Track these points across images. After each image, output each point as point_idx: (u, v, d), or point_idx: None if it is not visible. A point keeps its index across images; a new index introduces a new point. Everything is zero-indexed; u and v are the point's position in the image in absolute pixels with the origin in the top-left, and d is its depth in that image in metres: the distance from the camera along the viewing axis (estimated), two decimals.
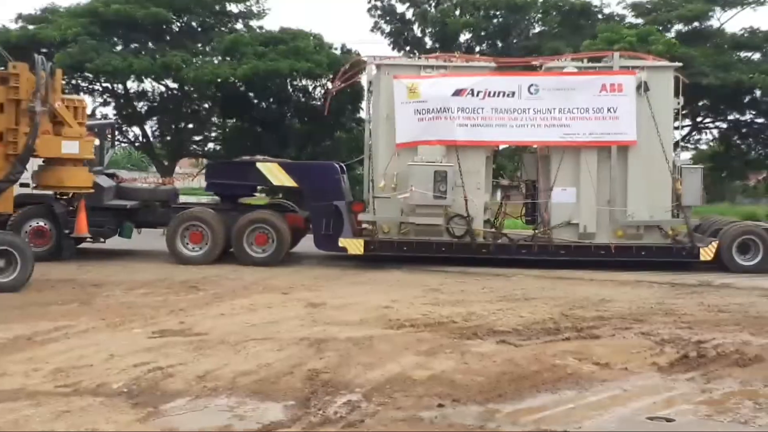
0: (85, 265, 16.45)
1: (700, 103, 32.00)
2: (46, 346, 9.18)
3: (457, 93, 17.58)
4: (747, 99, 29.81)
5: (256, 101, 32.27)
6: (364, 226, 18.02)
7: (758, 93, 28.96)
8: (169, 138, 34.79)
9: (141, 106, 34.08)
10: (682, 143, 33.18)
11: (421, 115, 17.59)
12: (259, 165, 18.42)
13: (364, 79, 18.93)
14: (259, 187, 20.65)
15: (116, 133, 23.54)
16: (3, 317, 10.82)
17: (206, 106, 33.93)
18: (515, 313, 11.81)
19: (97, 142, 18.94)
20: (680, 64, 19.35)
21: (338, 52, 31.35)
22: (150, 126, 34.66)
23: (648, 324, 11.00)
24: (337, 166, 18.86)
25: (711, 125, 34.08)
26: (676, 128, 18.63)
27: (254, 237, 17.54)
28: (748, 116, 32.30)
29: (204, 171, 19.75)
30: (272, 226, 17.50)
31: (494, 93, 17.65)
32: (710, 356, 8.98)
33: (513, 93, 17.63)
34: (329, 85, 31.89)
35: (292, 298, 12.91)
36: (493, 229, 18.32)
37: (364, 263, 17.57)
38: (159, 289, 13.74)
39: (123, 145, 38.19)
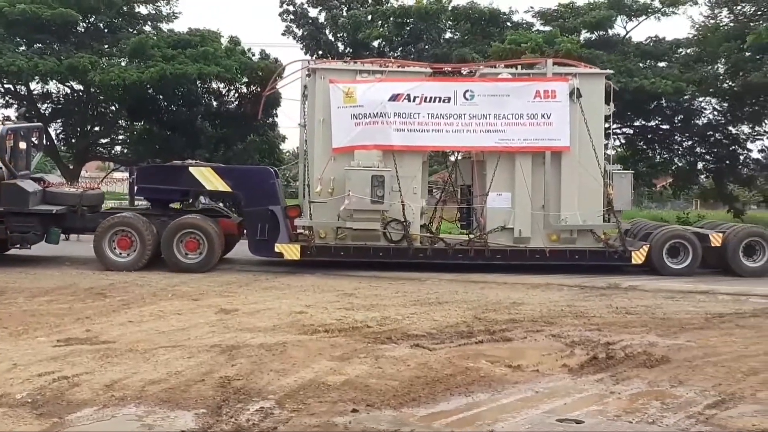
0: None
1: None
2: None
3: (394, 98, 17.54)
4: (653, 105, 30.63)
5: (165, 104, 31.74)
6: (300, 231, 17.83)
7: (663, 101, 29.78)
8: (74, 141, 33.90)
9: (45, 108, 33.14)
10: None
11: (358, 119, 17.51)
12: (191, 169, 18.08)
13: (297, 84, 18.64)
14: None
15: (44, 136, 22.74)
16: None
17: (113, 108, 33.19)
18: (429, 317, 11.85)
19: (23, 145, 18.39)
20: (611, 71, 19.70)
21: (255, 56, 31.10)
22: (54, 129, 33.70)
23: (558, 326, 11.17)
24: (272, 170, 18.67)
25: (618, 131, 34.92)
26: (608, 134, 18.87)
27: (185, 243, 17.18)
28: (653, 122, 33.20)
29: (133, 175, 19.20)
30: (203, 231, 17.16)
31: (430, 98, 17.67)
32: (618, 357, 9.16)
33: (449, 98, 17.68)
34: (243, 89, 31.69)
35: (202, 305, 12.67)
36: (429, 234, 18.31)
37: (276, 268, 17.41)
38: (64, 296, 13.34)
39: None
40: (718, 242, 18.01)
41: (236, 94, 32.35)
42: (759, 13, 29.88)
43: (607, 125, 18.51)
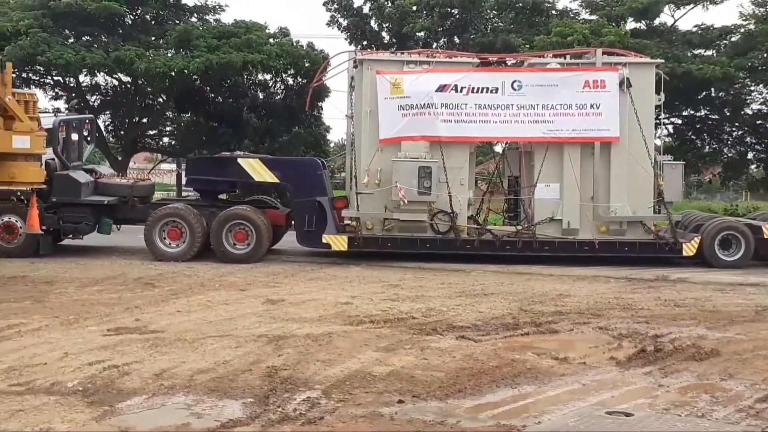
0: (37, 262, 16.15)
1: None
2: None
3: (441, 89, 17.46)
4: (701, 95, 30.17)
5: (211, 96, 31.99)
6: (347, 222, 17.89)
7: (712, 90, 29.31)
8: (122, 132, 34.32)
9: (93, 100, 33.57)
10: None
11: (405, 110, 17.47)
12: (240, 161, 18.21)
13: (343, 75, 18.68)
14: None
15: (95, 127, 23.06)
16: None
17: (160, 100, 33.52)
18: (474, 308, 11.83)
19: (75, 136, 18.69)
20: (662, 60, 19.41)
21: (303, 47, 31.17)
22: (103, 120, 34.13)
23: (606, 319, 11.08)
24: (319, 161, 18.75)
25: (666, 121, 34.48)
26: (658, 124, 18.61)
27: (234, 233, 17.32)
28: (702, 112, 32.72)
29: (183, 166, 19.45)
30: (251, 222, 17.29)
31: (478, 89, 17.56)
32: (667, 350, 9.06)
33: (496, 89, 17.55)
34: (290, 81, 31.82)
35: (249, 295, 12.79)
36: (476, 226, 18.26)
37: (322, 259, 17.49)
38: (114, 286, 13.54)
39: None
40: None
41: (282, 86, 32.46)
42: None
43: (657, 115, 18.24)
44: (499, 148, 20.77)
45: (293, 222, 18.26)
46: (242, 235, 17.29)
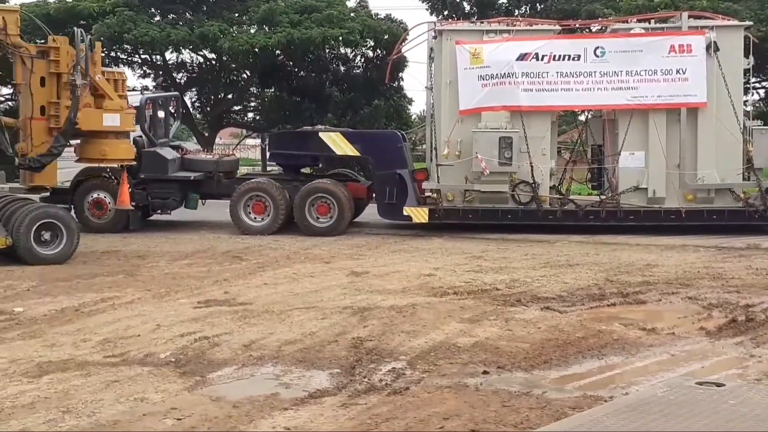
0: (128, 237, 16.61)
1: (748, 63, 31.28)
2: (93, 317, 9.32)
3: (522, 57, 17.24)
4: None
5: (294, 70, 32.26)
6: (427, 194, 17.90)
7: None
8: (208, 109, 34.93)
9: (180, 77, 34.23)
10: None
11: (485, 80, 17.32)
12: (321, 134, 18.36)
13: (420, 47, 18.61)
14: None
15: (181, 104, 23.55)
16: (50, 289, 11.00)
17: (245, 76, 33.96)
18: (559, 279, 11.73)
19: (161, 114, 19.13)
20: (750, 23, 18.81)
21: (381, 18, 31.14)
22: (189, 97, 34.80)
23: (695, 288, 10.87)
24: (399, 134, 18.78)
25: (757, 85, 33.38)
26: (747, 89, 18.05)
27: (316, 207, 17.53)
28: None
29: (266, 141, 19.70)
30: (333, 195, 17.45)
31: (559, 56, 17.29)
32: (759, 320, 8.85)
33: (578, 56, 17.25)
34: (369, 53, 31.85)
35: (334, 267, 12.94)
36: (559, 196, 18.07)
37: (404, 231, 17.54)
38: (203, 259, 13.85)
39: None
40: None
41: (362, 59, 32.51)
42: None
43: (746, 79, 17.66)
44: (583, 117, 20.33)
45: (374, 195, 18.34)
46: (324, 209, 17.45)
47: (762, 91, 33.39)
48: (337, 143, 18.07)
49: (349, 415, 5.99)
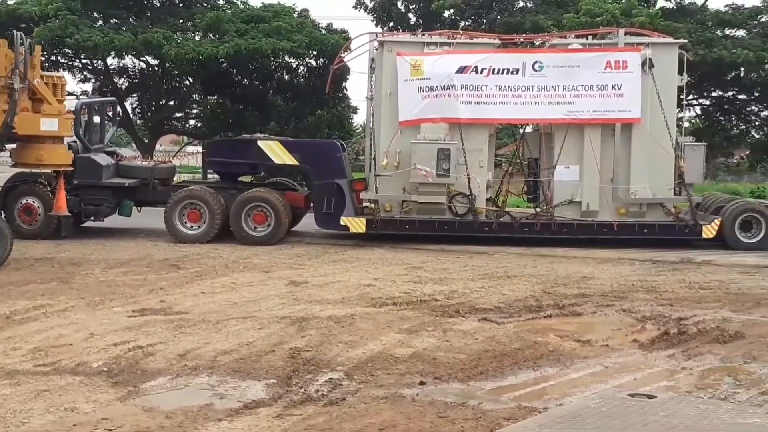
0: (63, 244, 16.29)
1: (684, 81, 31.98)
2: (24, 325, 9.13)
3: (461, 70, 17.33)
4: (730, 76, 29.81)
5: (238, 78, 32.07)
6: (365, 204, 17.90)
7: (742, 70, 28.93)
8: (149, 115, 34.52)
9: (121, 82, 33.78)
10: None
11: (425, 92, 17.38)
12: (260, 143, 18.24)
13: (362, 57, 18.63)
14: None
15: (117, 110, 23.22)
16: None
17: (187, 83, 33.66)
18: (497, 290, 11.82)
19: (97, 119, 18.86)
20: (685, 41, 19.15)
21: (322, 30, 31.14)
22: (130, 103, 34.37)
23: (629, 301, 11.04)
24: (339, 144, 18.72)
25: (694, 102, 34.14)
26: (680, 106, 18.37)
27: (253, 216, 17.39)
28: (730, 93, 32.36)
29: (203, 149, 19.56)
30: (270, 204, 17.33)
31: (498, 70, 17.43)
32: (691, 333, 9.02)
33: (517, 70, 17.41)
34: (313, 62, 31.80)
35: (273, 277, 12.85)
36: (495, 208, 18.19)
37: (345, 241, 17.52)
38: (139, 267, 13.65)
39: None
40: None
41: (306, 68, 32.48)
42: None
43: (679, 96, 18.05)
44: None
45: (312, 204, 18.29)
46: (261, 218, 17.34)
47: (698, 108, 34.13)
48: (276, 152, 17.97)
49: (284, 426, 5.95)
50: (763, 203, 18.56)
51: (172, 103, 34.83)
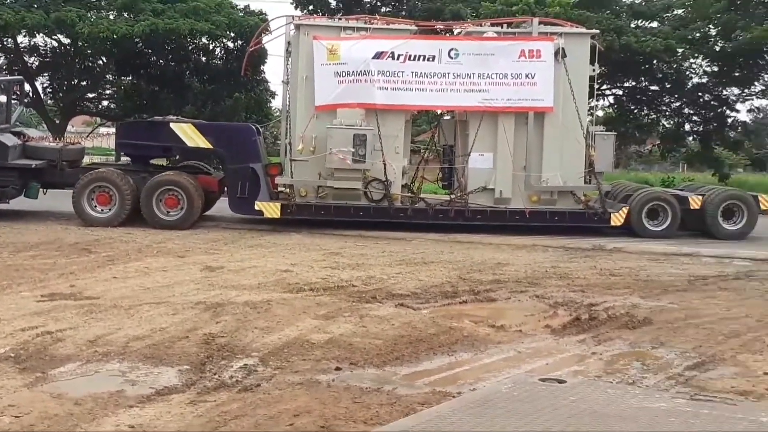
0: None
1: (598, 70, 32.63)
2: None
3: (378, 56, 17.35)
4: (644, 67, 30.55)
5: (153, 59, 31.48)
6: (280, 189, 17.76)
7: (654, 62, 29.66)
8: (61, 95, 33.64)
9: (32, 61, 32.83)
10: None
11: (341, 77, 17.33)
12: (172, 125, 17.96)
13: (281, 40, 18.45)
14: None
15: (26, 89, 22.50)
16: None
17: (101, 62, 32.89)
18: (414, 276, 11.88)
19: (3, 98, 18.25)
20: (597, 31, 19.51)
21: (240, 12, 30.79)
22: (41, 83, 33.44)
23: (542, 287, 11.22)
24: (253, 127, 18.51)
25: (608, 92, 34.91)
26: (592, 95, 18.69)
27: (164, 199, 17.12)
28: (643, 83, 33.18)
29: (115, 130, 19.09)
30: (182, 188, 17.08)
31: (415, 56, 17.49)
32: (601, 319, 9.21)
33: (433, 57, 17.50)
34: (230, 44, 31.41)
35: (188, 262, 12.68)
36: (410, 194, 18.23)
37: (262, 226, 17.39)
38: (48, 251, 13.30)
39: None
40: (698, 205, 18.06)
41: (223, 50, 32.07)
42: None
43: (591, 86, 18.37)
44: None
45: (226, 188, 18.09)
46: (173, 201, 17.11)
47: (612, 98, 34.90)
48: (189, 135, 17.73)
49: (197, 412, 5.87)
50: (669, 192, 19.12)
51: (84, 83, 34.04)
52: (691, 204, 18.07)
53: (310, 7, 33.46)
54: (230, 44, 31.41)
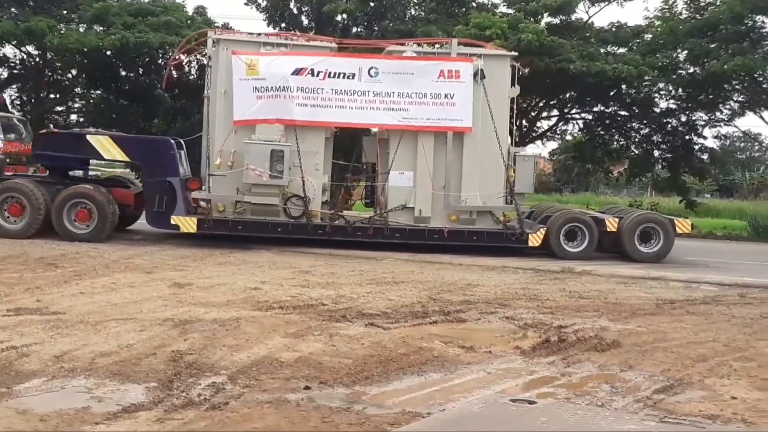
0: None
1: (568, 95, 32.95)
2: None
3: (297, 72, 17.40)
4: (613, 92, 30.83)
5: (124, 73, 31.31)
6: (201, 204, 17.64)
7: (623, 87, 29.94)
8: (29, 108, 33.31)
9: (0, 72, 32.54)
10: (549, 133, 34.20)
11: (260, 92, 17.34)
12: (89, 137, 17.89)
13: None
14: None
15: None
16: None
17: (70, 75, 32.65)
18: (384, 296, 11.86)
19: None
20: (516, 53, 19.64)
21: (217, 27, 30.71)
22: (9, 95, 33.08)
23: (512, 309, 11.25)
24: (172, 141, 18.27)
25: (577, 116, 35.19)
26: (513, 117, 18.66)
27: (75, 212, 17.04)
28: (611, 109, 33.47)
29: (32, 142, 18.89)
30: (94, 201, 17.00)
31: (334, 74, 17.56)
32: (570, 341, 9.24)
33: (353, 75, 17.59)
34: (204, 60, 31.28)
35: (156, 278, 12.56)
36: (330, 211, 18.17)
37: (232, 244, 17.28)
38: (14, 265, 13.14)
39: None
40: (614, 227, 18.31)
41: (196, 65, 31.95)
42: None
43: (513, 107, 18.38)
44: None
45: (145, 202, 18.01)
46: (83, 215, 17.09)
47: (581, 122, 35.18)
48: (106, 147, 17.68)
49: (164, 430, 5.80)
50: (587, 213, 19.25)
51: (53, 96, 33.73)
52: (608, 226, 18.30)
53: (282, 25, 33.48)
54: (204, 60, 31.27)
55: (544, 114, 33.60)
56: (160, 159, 17.62)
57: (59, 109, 35.08)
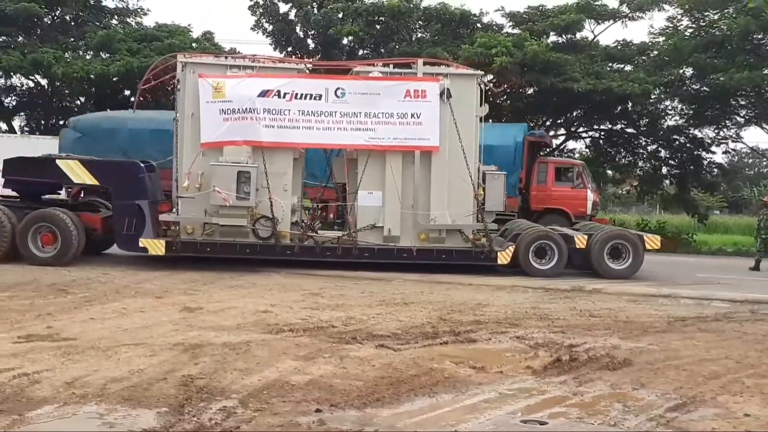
0: None
1: (575, 113, 33.06)
2: None
3: (263, 94, 17.49)
4: (618, 109, 30.90)
5: (131, 98, 31.51)
6: (171, 226, 17.69)
7: (629, 104, 30.01)
8: (38, 134, 33.54)
9: (8, 101, 32.77)
10: (557, 152, 34.28)
11: (227, 114, 17.42)
12: (58, 162, 17.93)
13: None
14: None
15: None
16: None
17: (78, 102, 32.86)
18: (394, 317, 11.85)
19: None
20: (482, 72, 19.64)
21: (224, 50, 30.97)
22: (19, 122, 33.35)
23: (523, 328, 11.22)
24: (141, 164, 18.28)
25: (584, 134, 35.26)
26: (480, 135, 18.58)
27: (40, 236, 17.07)
28: (618, 126, 33.54)
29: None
30: (58, 225, 17.02)
31: (301, 95, 17.64)
32: (582, 360, 9.21)
33: (320, 96, 17.66)
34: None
35: (166, 303, 12.57)
36: (300, 231, 18.15)
37: (242, 266, 17.30)
38: (25, 292, 13.17)
39: None
40: (583, 244, 18.32)
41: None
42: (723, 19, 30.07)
43: (481, 126, 18.40)
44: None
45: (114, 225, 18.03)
46: (48, 238, 17.08)
47: (588, 140, 35.25)
48: (75, 171, 17.73)
49: None
50: (556, 231, 19.21)
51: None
52: (577, 243, 18.34)
53: (289, 49, 33.70)
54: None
55: (551, 133, 33.70)
56: (129, 182, 17.70)
57: None
